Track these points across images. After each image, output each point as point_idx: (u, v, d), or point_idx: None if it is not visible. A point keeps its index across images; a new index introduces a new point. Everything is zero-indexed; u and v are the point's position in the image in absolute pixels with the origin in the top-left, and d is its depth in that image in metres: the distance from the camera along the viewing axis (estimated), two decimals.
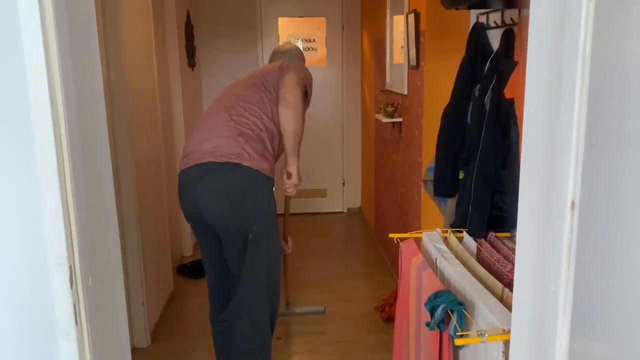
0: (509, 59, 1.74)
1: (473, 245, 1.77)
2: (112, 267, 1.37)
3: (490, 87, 1.75)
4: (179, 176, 2.36)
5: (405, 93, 3.40)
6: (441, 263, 1.71)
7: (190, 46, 4.61)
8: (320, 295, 3.70)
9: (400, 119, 3.54)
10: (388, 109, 3.57)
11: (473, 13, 2.07)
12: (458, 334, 1.33)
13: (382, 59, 4.08)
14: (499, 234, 1.79)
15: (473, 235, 1.80)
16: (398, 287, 1.98)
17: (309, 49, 5.42)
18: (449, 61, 2.35)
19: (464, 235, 1.83)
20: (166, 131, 3.83)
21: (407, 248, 1.90)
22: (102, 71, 1.50)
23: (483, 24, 1.90)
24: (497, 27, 1.84)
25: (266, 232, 2.31)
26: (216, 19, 5.17)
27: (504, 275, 1.57)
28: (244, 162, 2.23)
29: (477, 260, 1.69)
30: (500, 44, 1.78)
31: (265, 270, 2.34)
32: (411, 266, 1.79)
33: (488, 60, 1.82)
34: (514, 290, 0.92)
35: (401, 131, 3.58)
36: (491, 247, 1.72)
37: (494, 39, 1.86)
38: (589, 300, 0.72)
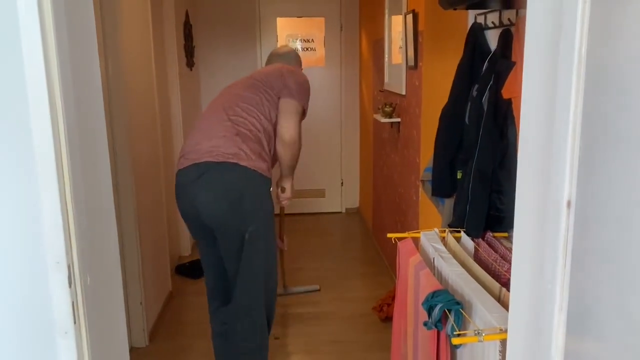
0: (507, 60, 1.74)
1: (471, 245, 1.77)
2: (111, 267, 1.37)
3: (488, 88, 1.76)
4: (177, 176, 2.36)
5: (403, 93, 3.40)
6: (439, 263, 1.72)
7: (188, 46, 4.61)
8: (318, 295, 3.70)
9: (398, 119, 3.55)
10: (386, 109, 3.57)
11: (471, 13, 2.08)
12: (455, 333, 1.34)
13: (381, 59, 4.08)
14: (497, 234, 1.79)
15: (471, 235, 1.80)
16: (396, 287, 1.98)
17: (308, 49, 5.42)
18: (447, 61, 2.36)
19: (462, 235, 1.84)
20: (164, 131, 3.83)
21: (405, 248, 1.91)
22: (101, 71, 1.50)
23: (481, 25, 1.90)
24: (495, 28, 1.85)
25: (263, 233, 2.31)
26: (215, 19, 5.17)
27: (501, 275, 1.58)
28: (242, 162, 2.23)
29: (475, 260, 1.70)
30: (498, 45, 1.78)
31: (262, 270, 2.34)
32: (409, 266, 1.80)
33: (486, 60, 1.82)
34: (511, 289, 0.92)
35: (399, 131, 3.59)
36: (489, 247, 1.73)
37: (492, 40, 1.87)
38: (585, 299, 0.73)
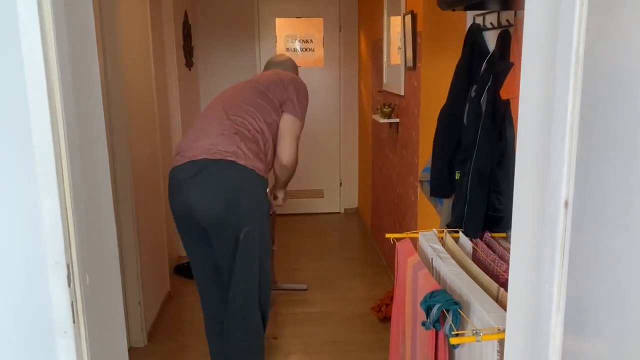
0: (505, 60, 1.75)
1: (469, 245, 1.78)
2: (110, 267, 1.37)
3: (486, 88, 1.76)
4: (171, 173, 2.31)
5: (402, 94, 3.41)
6: (437, 263, 1.72)
7: (187, 46, 4.60)
8: (317, 295, 3.71)
9: (397, 120, 3.55)
10: (385, 110, 3.57)
11: (469, 14, 2.08)
12: (453, 333, 1.34)
13: (379, 60, 4.09)
14: (495, 234, 1.80)
15: (469, 235, 1.81)
16: (394, 287, 1.98)
17: (306, 50, 5.42)
18: (446, 62, 2.36)
19: (460, 235, 1.84)
20: (163, 131, 3.83)
21: (404, 248, 1.91)
22: (100, 71, 1.50)
23: (479, 25, 1.91)
24: (494, 29, 1.86)
25: (258, 232, 2.29)
26: (214, 19, 5.17)
27: (500, 275, 1.58)
28: (239, 161, 2.22)
29: (473, 260, 1.70)
30: (496, 45, 1.79)
31: (256, 270, 2.33)
32: (407, 266, 1.80)
33: (484, 61, 1.83)
34: (509, 289, 0.92)
35: (398, 132, 3.59)
36: (487, 247, 1.73)
37: (490, 40, 1.87)
38: (582, 299, 0.73)
